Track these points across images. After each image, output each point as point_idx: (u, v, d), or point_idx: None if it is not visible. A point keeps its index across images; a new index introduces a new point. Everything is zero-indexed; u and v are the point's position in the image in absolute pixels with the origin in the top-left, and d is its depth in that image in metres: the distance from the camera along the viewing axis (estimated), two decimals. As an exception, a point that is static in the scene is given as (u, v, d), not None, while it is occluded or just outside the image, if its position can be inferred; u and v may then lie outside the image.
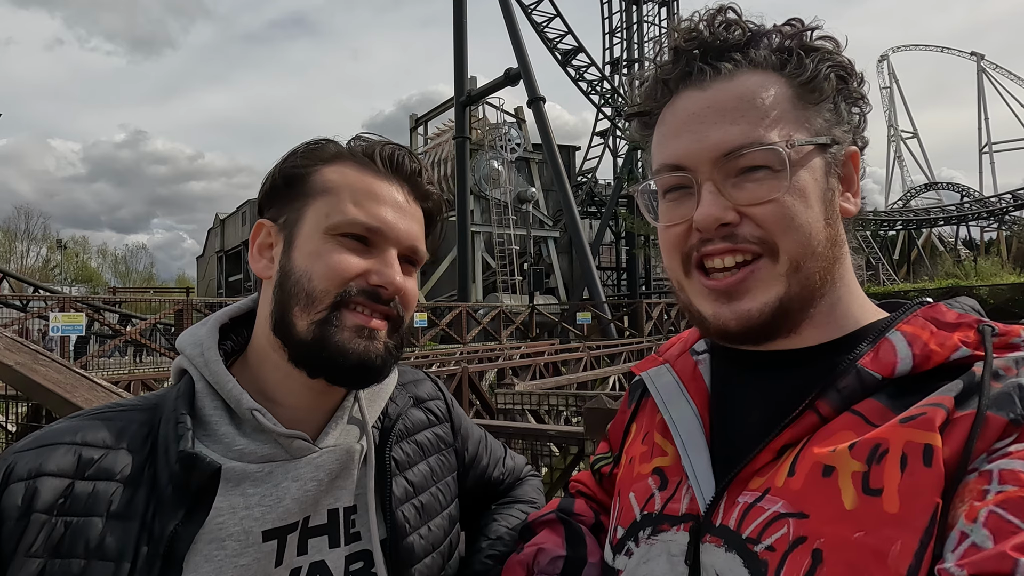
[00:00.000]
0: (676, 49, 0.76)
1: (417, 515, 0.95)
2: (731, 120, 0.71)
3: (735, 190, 0.71)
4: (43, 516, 0.72)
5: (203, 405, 0.84)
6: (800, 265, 0.70)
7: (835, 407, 0.66)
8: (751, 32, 0.74)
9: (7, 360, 2.24)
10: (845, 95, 0.73)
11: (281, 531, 0.82)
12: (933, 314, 0.70)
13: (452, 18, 28.20)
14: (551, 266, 33.79)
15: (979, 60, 67.96)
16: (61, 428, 0.79)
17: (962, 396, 0.60)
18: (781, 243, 0.70)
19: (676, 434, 0.78)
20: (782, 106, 0.71)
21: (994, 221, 50.28)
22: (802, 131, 0.71)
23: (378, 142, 0.92)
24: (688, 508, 0.73)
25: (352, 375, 0.86)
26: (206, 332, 0.90)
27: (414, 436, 1.02)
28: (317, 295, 0.83)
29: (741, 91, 0.72)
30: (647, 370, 0.89)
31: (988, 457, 0.56)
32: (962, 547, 0.52)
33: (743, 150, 0.70)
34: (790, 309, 0.71)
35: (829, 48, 0.73)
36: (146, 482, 0.77)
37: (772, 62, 0.73)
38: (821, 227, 0.71)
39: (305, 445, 0.85)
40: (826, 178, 0.72)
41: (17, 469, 0.74)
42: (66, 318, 11.97)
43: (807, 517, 0.61)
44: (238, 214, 49.17)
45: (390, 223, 0.86)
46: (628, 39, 41.37)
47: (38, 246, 58.54)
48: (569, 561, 0.89)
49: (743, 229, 0.70)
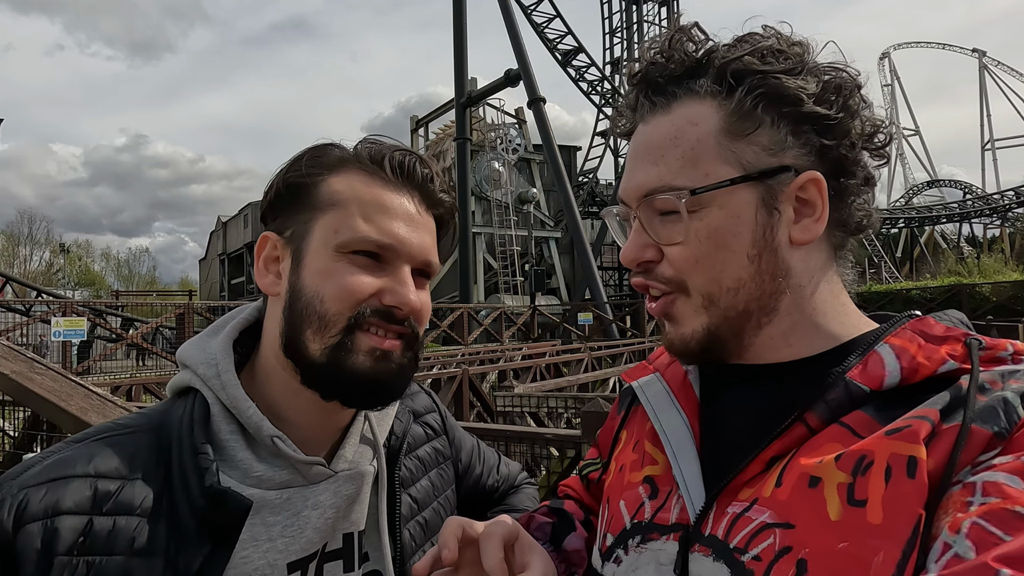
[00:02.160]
0: (629, 79, 0.77)
1: (421, 532, 0.95)
2: (652, 160, 0.73)
3: (660, 227, 0.73)
4: (64, 559, 0.68)
5: (219, 429, 0.80)
6: (714, 301, 0.72)
7: (823, 419, 0.66)
8: (693, 59, 0.72)
9: (3, 369, 2.24)
10: (792, 118, 0.70)
11: (304, 561, 0.81)
12: (921, 327, 0.70)
13: (452, 20, 28.28)
14: (553, 267, 33.84)
15: (981, 57, 67.90)
16: (70, 457, 0.74)
17: (948, 409, 0.60)
18: (690, 282, 0.72)
19: (667, 443, 0.77)
20: (704, 143, 0.70)
21: (997, 218, 50.25)
22: (723, 168, 0.70)
23: (388, 147, 0.87)
24: (678, 517, 0.73)
25: (366, 397, 0.83)
26: (220, 348, 0.85)
27: (415, 451, 1.01)
28: (330, 318, 0.79)
29: (667, 128, 0.72)
30: (637, 379, 0.88)
31: (972, 469, 0.56)
32: (945, 558, 0.52)
33: (654, 194, 0.72)
34: (719, 338, 0.73)
35: (772, 69, 0.69)
36: (165, 515, 0.73)
37: (708, 90, 0.71)
38: (738, 265, 0.71)
39: (323, 471, 0.83)
40: (756, 212, 0.70)
41: (31, 508, 0.68)
42: (68, 323, 12.01)
43: (793, 527, 0.61)
44: (240, 217, 49.33)
45: (402, 238, 0.82)
46: (628, 39, 41.46)
47: (41, 250, 58.81)
48: (556, 527, 0.92)
49: (660, 268, 0.74)
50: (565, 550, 0.88)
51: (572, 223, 25.87)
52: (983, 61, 67.56)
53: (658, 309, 0.76)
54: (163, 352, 15.74)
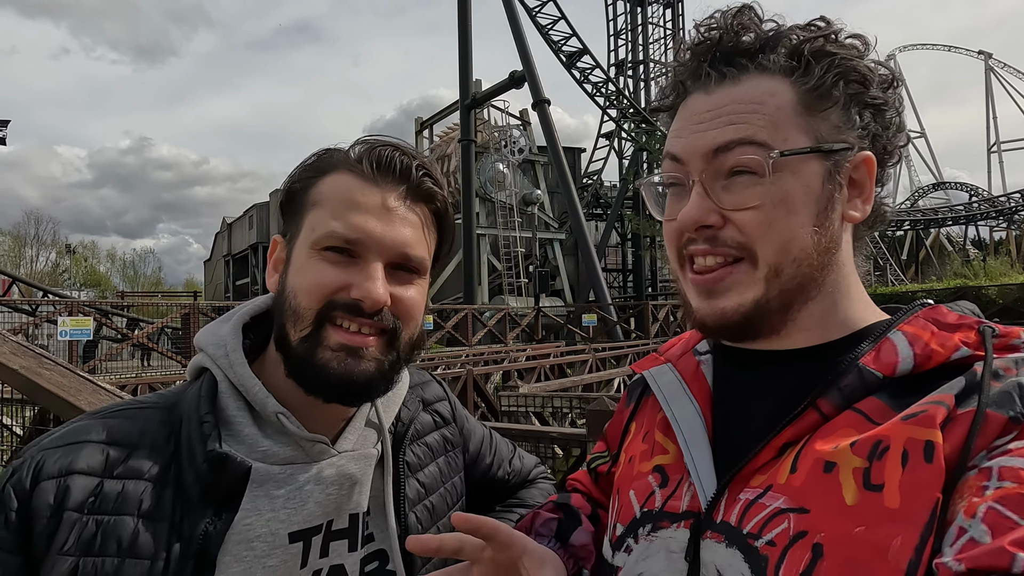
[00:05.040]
0: (691, 50, 0.77)
1: (428, 515, 0.97)
2: (728, 122, 0.72)
3: (724, 192, 0.72)
4: (75, 515, 0.72)
5: (226, 405, 0.84)
6: (779, 271, 0.71)
7: (837, 405, 0.66)
8: (764, 35, 0.74)
9: (12, 364, 2.25)
10: (859, 101, 0.72)
11: (306, 533, 0.83)
12: (934, 315, 0.70)
13: (456, 22, 28.28)
14: (557, 268, 33.80)
15: (987, 59, 67.62)
16: (86, 425, 0.80)
17: (963, 394, 0.60)
18: (760, 250, 0.71)
19: (679, 432, 0.78)
20: (783, 112, 0.71)
21: (1003, 221, 49.97)
22: (802, 137, 0.71)
23: (374, 143, 0.89)
24: (689, 505, 0.73)
25: (337, 393, 0.84)
26: (229, 331, 0.89)
27: (424, 438, 1.03)
28: (301, 311, 0.83)
29: (742, 96, 0.72)
30: (648, 369, 0.89)
31: (988, 454, 0.56)
32: (960, 541, 0.52)
33: (732, 146, 0.71)
34: (767, 311, 0.72)
35: (844, 53, 0.72)
36: (171, 482, 0.77)
37: (782, 67, 0.73)
38: (806, 234, 0.71)
39: (325, 449, 0.86)
40: (823, 185, 0.71)
41: (47, 467, 0.74)
42: (74, 322, 12.07)
43: (808, 512, 0.62)
44: (244, 218, 49.43)
45: (370, 232, 0.83)
46: (633, 41, 41.41)
47: (47, 251, 59.05)
48: (562, 523, 0.92)
49: (725, 232, 0.72)
50: (572, 545, 0.89)
51: (576, 225, 25.84)
52: (989, 63, 67.26)
53: (711, 279, 0.74)
54: (168, 352, 15.76)
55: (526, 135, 34.00)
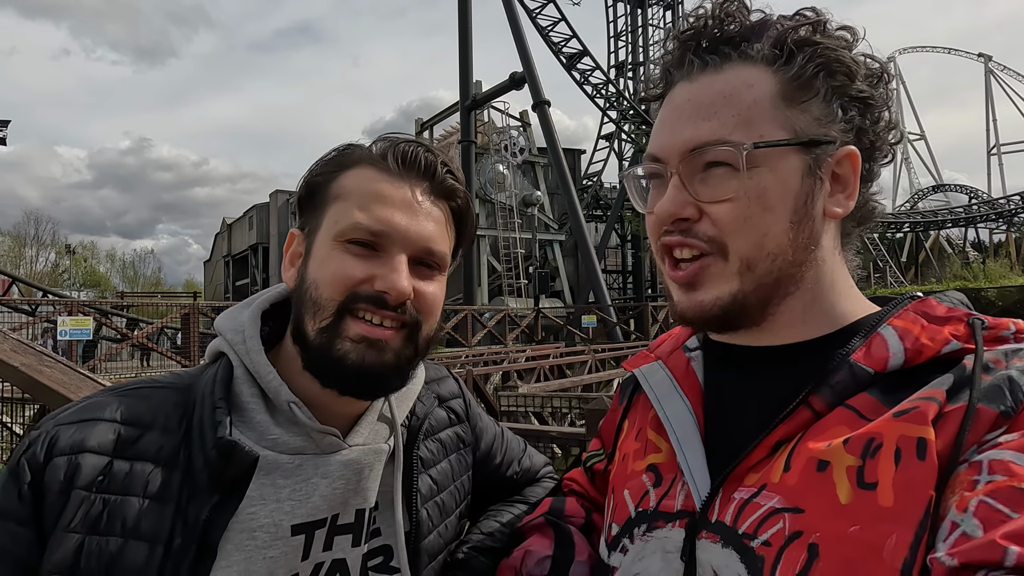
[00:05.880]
0: (677, 38, 0.77)
1: (438, 512, 0.97)
2: (705, 116, 0.71)
3: (701, 185, 0.72)
4: (83, 493, 0.73)
5: (240, 391, 0.84)
6: (752, 266, 0.71)
7: (828, 402, 0.66)
8: (748, 24, 0.73)
9: (12, 361, 2.26)
10: (843, 93, 0.71)
11: (309, 526, 0.82)
12: (923, 308, 0.70)
13: (456, 24, 28.30)
14: (556, 269, 33.79)
15: (987, 61, 67.60)
16: (101, 402, 0.80)
17: (953, 389, 0.60)
18: (731, 244, 0.71)
19: (671, 430, 0.78)
20: (760, 105, 0.70)
21: (1003, 223, 49.94)
22: (778, 130, 0.70)
23: (397, 140, 0.89)
24: (683, 505, 0.73)
25: (354, 386, 0.84)
26: (248, 317, 0.89)
27: (437, 434, 1.03)
28: (323, 303, 0.82)
29: (722, 87, 0.72)
30: (640, 367, 0.88)
31: (978, 448, 0.56)
32: (953, 536, 0.52)
33: (706, 147, 0.70)
34: (745, 305, 0.72)
35: (829, 43, 0.71)
36: (181, 465, 0.78)
37: (765, 56, 0.72)
38: (782, 231, 0.70)
39: (336, 442, 0.85)
40: (803, 179, 0.71)
41: (60, 443, 0.75)
42: (74, 322, 12.07)
43: (803, 512, 0.62)
44: (244, 219, 49.33)
45: (396, 225, 0.83)
46: (633, 42, 41.45)
47: (47, 251, 59.00)
48: (556, 561, 0.89)
49: (699, 226, 0.72)
50: None
51: (576, 226, 25.84)
52: (989, 66, 67.27)
53: (687, 275, 0.74)
54: (168, 352, 15.76)
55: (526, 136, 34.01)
